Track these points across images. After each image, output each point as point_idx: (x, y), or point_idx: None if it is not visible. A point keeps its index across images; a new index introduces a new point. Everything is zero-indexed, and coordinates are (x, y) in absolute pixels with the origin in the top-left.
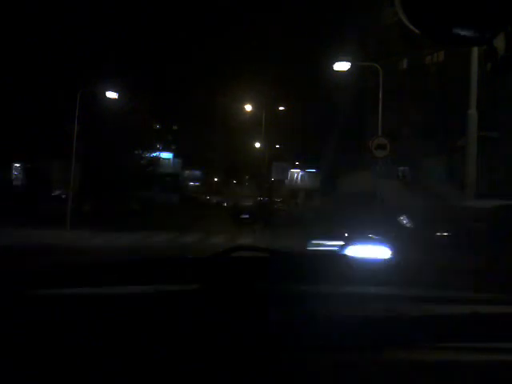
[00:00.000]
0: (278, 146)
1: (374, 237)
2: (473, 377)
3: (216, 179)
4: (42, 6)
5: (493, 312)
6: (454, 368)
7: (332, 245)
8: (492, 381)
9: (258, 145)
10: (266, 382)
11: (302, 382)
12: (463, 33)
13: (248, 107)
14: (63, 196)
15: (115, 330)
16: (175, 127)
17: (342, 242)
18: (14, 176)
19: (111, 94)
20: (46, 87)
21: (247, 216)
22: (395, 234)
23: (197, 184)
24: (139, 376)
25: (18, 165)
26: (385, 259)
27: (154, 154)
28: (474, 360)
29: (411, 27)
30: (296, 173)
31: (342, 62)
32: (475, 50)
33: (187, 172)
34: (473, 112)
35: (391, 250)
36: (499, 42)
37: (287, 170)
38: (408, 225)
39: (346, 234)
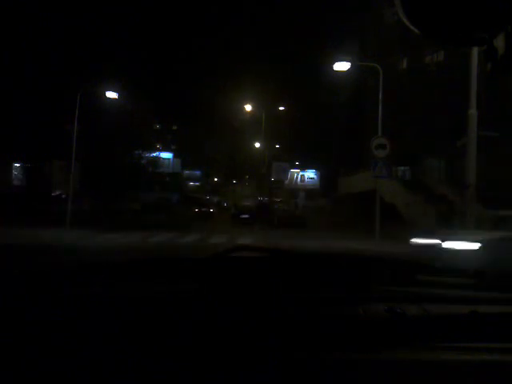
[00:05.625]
0: (277, 146)
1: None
2: (473, 377)
3: (216, 179)
4: (43, 6)
5: (493, 312)
6: (454, 368)
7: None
8: (492, 381)
9: (257, 145)
10: (267, 380)
11: (302, 381)
12: (463, 33)
13: (248, 107)
14: (63, 196)
15: (115, 330)
16: (175, 127)
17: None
18: (13, 176)
19: (111, 94)
20: (47, 87)
21: (247, 216)
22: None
23: (197, 184)
24: (139, 374)
25: (17, 165)
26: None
27: (154, 154)
28: (474, 360)
29: (411, 27)
30: (296, 173)
31: (341, 62)
32: (475, 50)
33: (187, 172)
34: (473, 112)
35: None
36: (499, 42)
37: (287, 170)
38: None
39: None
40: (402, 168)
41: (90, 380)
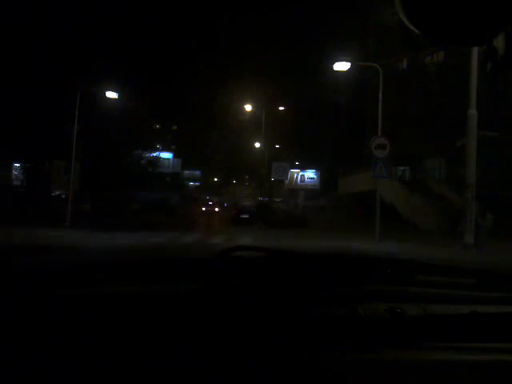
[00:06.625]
0: (277, 146)
1: None
2: (473, 377)
3: (216, 179)
4: (43, 6)
5: (493, 312)
6: (454, 368)
7: None
8: (492, 381)
9: (257, 145)
10: (267, 380)
11: (302, 381)
12: (463, 33)
13: (248, 107)
14: (63, 196)
15: (116, 329)
16: (175, 127)
17: None
18: (13, 176)
19: (111, 94)
20: (46, 87)
21: (247, 216)
22: None
23: (197, 184)
24: (139, 375)
25: (17, 165)
26: None
27: (154, 154)
28: (474, 360)
29: (411, 27)
30: (296, 173)
31: (341, 62)
32: (475, 50)
33: (187, 172)
34: (473, 112)
35: None
36: (499, 42)
37: (287, 170)
38: None
39: None
40: (402, 168)
41: (89, 380)
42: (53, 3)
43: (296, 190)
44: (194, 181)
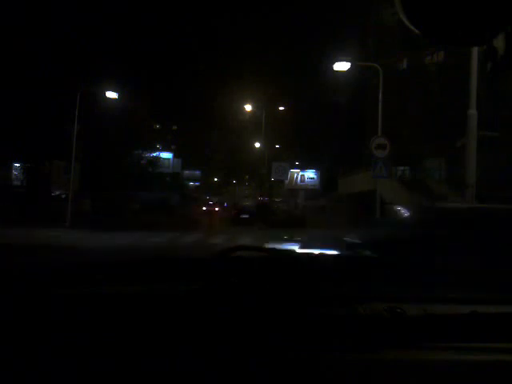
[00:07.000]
0: (277, 146)
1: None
2: (473, 377)
3: (216, 179)
4: (43, 6)
5: (493, 312)
6: (454, 368)
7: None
8: (492, 381)
9: (257, 145)
10: (267, 379)
11: (302, 381)
12: (463, 33)
13: (248, 107)
14: (63, 196)
15: (116, 329)
16: (175, 127)
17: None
18: (14, 176)
19: (111, 94)
20: (46, 87)
21: (247, 216)
22: None
23: (197, 184)
24: (139, 374)
25: (17, 165)
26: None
27: (154, 154)
28: (474, 360)
29: (411, 27)
30: (296, 173)
31: (341, 62)
32: (475, 50)
33: (187, 172)
34: (473, 112)
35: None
36: (499, 42)
37: (287, 170)
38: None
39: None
40: (402, 168)
41: (89, 380)
42: (53, 3)
43: (296, 190)
44: (194, 181)
